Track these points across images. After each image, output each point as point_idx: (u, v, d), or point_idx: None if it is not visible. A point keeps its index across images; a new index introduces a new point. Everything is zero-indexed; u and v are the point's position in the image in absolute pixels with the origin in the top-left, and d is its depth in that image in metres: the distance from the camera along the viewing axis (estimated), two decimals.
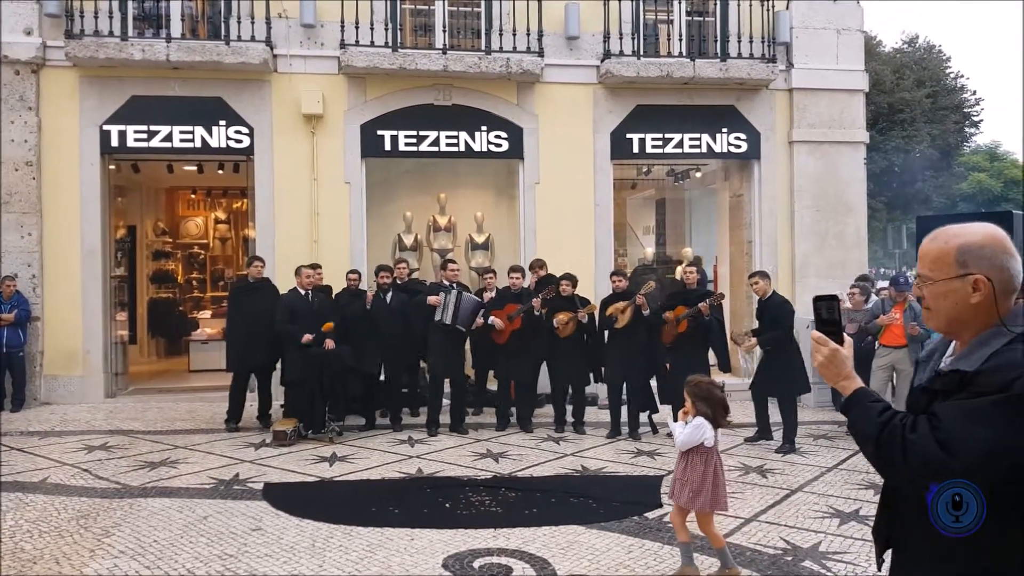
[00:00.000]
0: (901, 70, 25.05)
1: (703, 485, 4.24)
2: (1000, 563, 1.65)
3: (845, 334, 1.89)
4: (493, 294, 8.61)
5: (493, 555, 4.63)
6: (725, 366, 8.50)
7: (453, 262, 8.67)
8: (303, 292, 7.98)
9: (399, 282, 8.65)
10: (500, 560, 4.54)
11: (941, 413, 1.66)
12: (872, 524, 2.09)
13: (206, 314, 13.19)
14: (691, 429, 4.26)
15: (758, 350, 7.90)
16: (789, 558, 4.66)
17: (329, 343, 7.83)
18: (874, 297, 8.97)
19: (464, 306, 7.97)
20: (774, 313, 7.52)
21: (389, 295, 8.32)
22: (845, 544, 4.91)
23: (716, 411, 4.28)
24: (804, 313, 10.00)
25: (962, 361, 1.71)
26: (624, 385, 8.13)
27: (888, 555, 1.99)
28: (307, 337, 7.65)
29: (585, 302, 8.31)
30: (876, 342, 7.93)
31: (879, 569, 1.88)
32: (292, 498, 5.79)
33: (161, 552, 4.65)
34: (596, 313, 8.24)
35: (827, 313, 1.87)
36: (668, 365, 7.92)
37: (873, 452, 1.73)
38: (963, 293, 1.73)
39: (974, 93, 28.26)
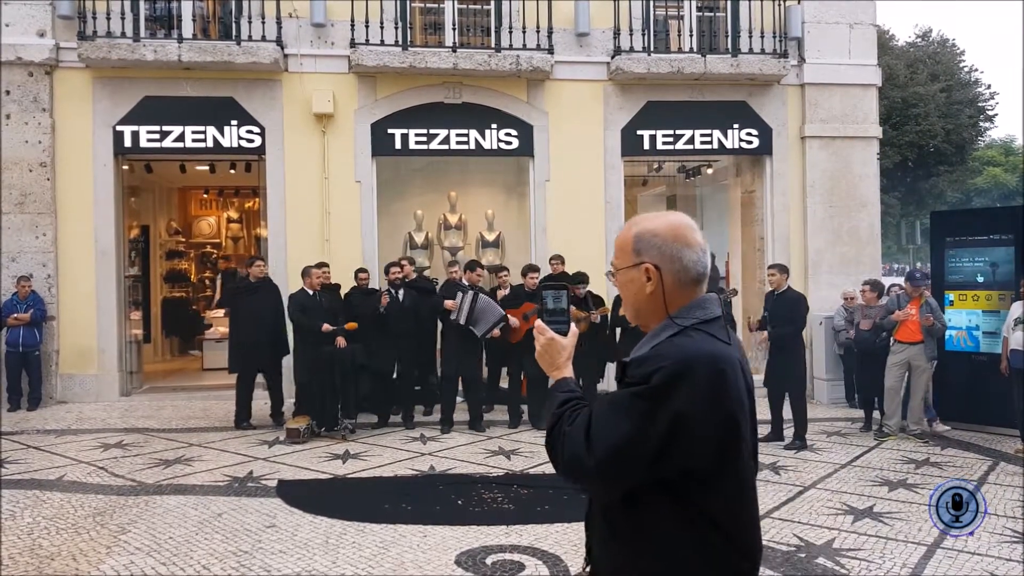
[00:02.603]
0: (915, 64, 24.82)
1: None
2: (676, 567, 1.55)
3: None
4: (507, 291, 8.61)
5: (505, 552, 4.64)
6: None
7: (481, 266, 8.72)
8: (311, 292, 8.02)
9: (408, 280, 8.65)
10: (512, 557, 4.55)
11: (597, 405, 1.59)
12: (885, 523, 2.02)
13: (219, 313, 13.26)
14: None
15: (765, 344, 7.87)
16: (803, 555, 4.64)
17: (340, 341, 7.87)
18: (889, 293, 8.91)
19: (480, 308, 7.95)
20: (790, 308, 7.49)
21: (401, 292, 8.34)
22: (859, 541, 4.89)
23: None
24: (818, 309, 9.98)
25: (635, 353, 1.61)
26: None
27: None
28: (326, 326, 7.71)
29: (599, 301, 8.29)
30: (891, 338, 7.87)
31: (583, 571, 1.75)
32: (306, 495, 5.82)
33: (176, 549, 4.69)
34: (609, 313, 8.23)
35: (553, 303, 1.81)
36: None
37: (547, 446, 1.64)
38: (639, 282, 1.66)
39: (988, 87, 28.01)
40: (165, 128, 9.59)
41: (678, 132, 10.45)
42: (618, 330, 8.19)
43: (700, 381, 1.50)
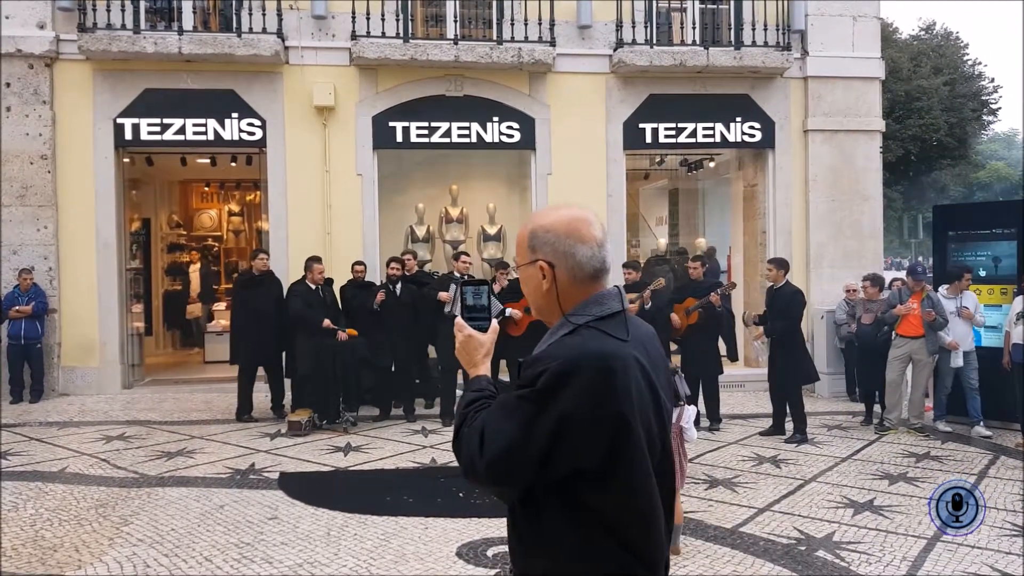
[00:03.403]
0: (918, 57, 24.69)
1: None
2: (568, 565, 1.52)
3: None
4: (505, 285, 8.61)
5: (507, 544, 4.64)
6: (733, 355, 8.53)
7: (466, 254, 8.68)
8: (314, 287, 8.01)
9: (407, 274, 8.65)
10: None
11: (492, 407, 1.57)
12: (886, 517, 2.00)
13: (220, 306, 13.27)
14: None
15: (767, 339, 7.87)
16: (803, 548, 4.65)
17: (342, 335, 7.88)
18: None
19: None
20: (786, 303, 7.49)
21: (399, 287, 8.34)
22: (859, 534, 4.89)
23: None
24: (820, 303, 9.98)
25: (536, 352, 1.58)
26: None
27: None
28: (327, 323, 7.71)
29: None
30: (893, 332, 7.86)
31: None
32: (307, 487, 5.83)
33: (178, 540, 4.70)
34: None
35: (473, 299, 1.78)
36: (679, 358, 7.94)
37: (452, 447, 1.63)
38: (536, 279, 1.62)
39: (992, 80, 27.89)
40: (166, 121, 9.57)
41: (680, 125, 10.42)
42: None
43: (585, 381, 1.46)
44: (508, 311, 8.16)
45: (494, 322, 1.77)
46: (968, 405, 7.78)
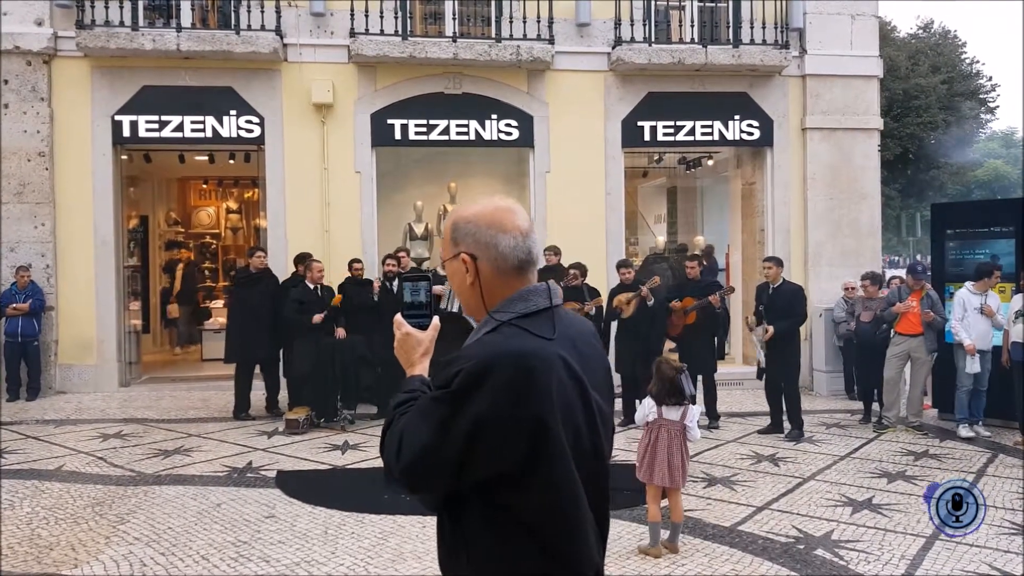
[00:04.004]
0: (916, 56, 24.70)
1: (643, 458, 4.62)
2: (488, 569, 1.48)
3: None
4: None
5: None
6: (720, 354, 8.63)
7: None
8: (312, 286, 7.99)
9: (402, 271, 8.63)
10: None
11: (412, 409, 1.52)
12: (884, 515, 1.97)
13: (218, 303, 13.24)
14: (639, 407, 4.77)
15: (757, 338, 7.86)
16: (801, 546, 4.65)
17: (340, 332, 7.87)
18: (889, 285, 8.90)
19: None
20: (787, 301, 7.48)
21: (395, 284, 8.32)
22: (858, 532, 4.89)
23: (661, 390, 4.65)
24: (818, 301, 9.97)
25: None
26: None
27: None
28: (317, 317, 7.69)
29: (595, 292, 8.28)
30: (892, 330, 7.85)
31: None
32: (305, 486, 5.82)
33: (175, 539, 4.69)
34: (604, 304, 8.23)
35: (411, 295, 1.71)
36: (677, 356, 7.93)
37: (379, 448, 1.58)
38: (460, 274, 1.56)
39: (990, 79, 27.92)
40: (164, 118, 9.55)
41: (679, 123, 10.41)
42: (613, 324, 8.16)
43: (501, 381, 1.40)
44: None
45: (435, 320, 1.70)
46: (973, 404, 7.76)
